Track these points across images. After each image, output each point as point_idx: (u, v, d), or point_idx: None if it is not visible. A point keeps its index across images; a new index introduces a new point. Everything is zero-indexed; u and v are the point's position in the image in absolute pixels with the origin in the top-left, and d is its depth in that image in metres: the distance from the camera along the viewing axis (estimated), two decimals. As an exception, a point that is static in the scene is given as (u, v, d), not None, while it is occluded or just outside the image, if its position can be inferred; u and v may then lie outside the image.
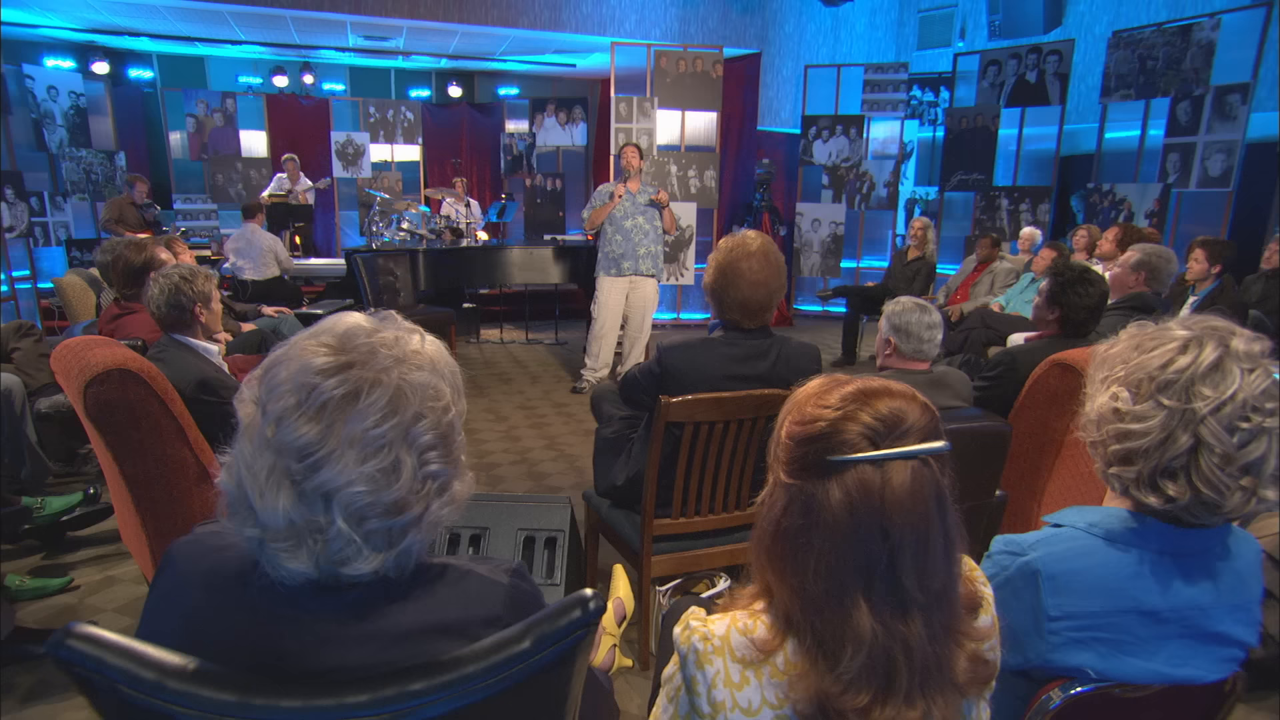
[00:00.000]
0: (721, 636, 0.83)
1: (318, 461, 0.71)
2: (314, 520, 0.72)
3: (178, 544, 0.86)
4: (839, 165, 8.68)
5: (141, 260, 2.79)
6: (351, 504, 0.72)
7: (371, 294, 5.13)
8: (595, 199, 5.04)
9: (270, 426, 0.72)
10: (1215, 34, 6.37)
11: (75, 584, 2.63)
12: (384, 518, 0.74)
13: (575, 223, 10.66)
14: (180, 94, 8.93)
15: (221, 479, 0.78)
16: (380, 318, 0.81)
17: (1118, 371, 1.01)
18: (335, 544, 0.73)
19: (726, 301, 2.02)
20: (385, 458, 0.73)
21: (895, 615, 0.78)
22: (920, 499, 0.77)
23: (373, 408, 0.73)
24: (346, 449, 0.71)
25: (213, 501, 2.51)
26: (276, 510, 0.71)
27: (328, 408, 0.72)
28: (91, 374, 1.98)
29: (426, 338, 0.82)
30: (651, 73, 7.71)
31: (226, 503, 0.77)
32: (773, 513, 0.84)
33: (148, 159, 9.15)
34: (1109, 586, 0.99)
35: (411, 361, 0.77)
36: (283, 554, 0.74)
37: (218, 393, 2.25)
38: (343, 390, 0.72)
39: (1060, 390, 2.41)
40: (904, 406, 0.80)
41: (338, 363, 0.74)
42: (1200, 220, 6.66)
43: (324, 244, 9.56)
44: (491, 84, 10.86)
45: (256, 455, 0.73)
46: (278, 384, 0.74)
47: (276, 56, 9.51)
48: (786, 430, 0.85)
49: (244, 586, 0.77)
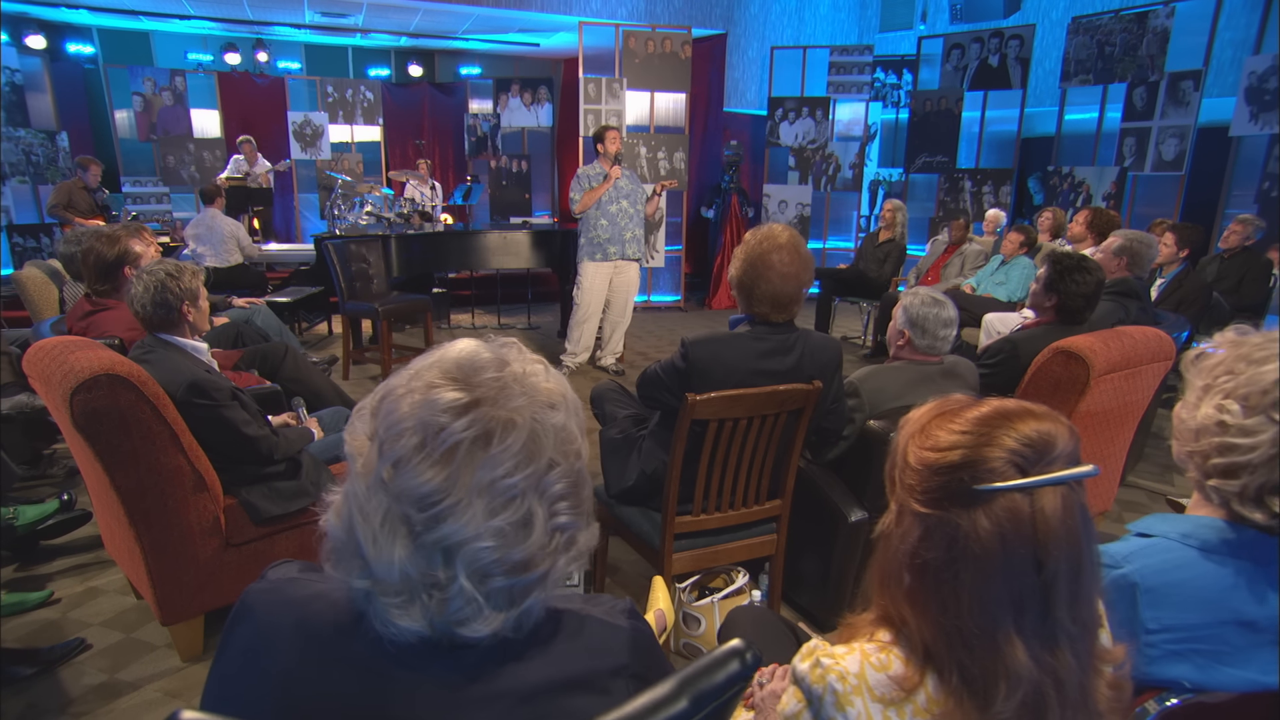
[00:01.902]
0: (857, 674, 0.79)
1: (441, 513, 0.64)
2: (432, 575, 0.65)
3: (254, 593, 0.78)
4: (805, 147, 8.71)
5: (115, 253, 2.63)
6: (476, 561, 0.65)
7: (344, 282, 4.97)
8: (583, 182, 4.91)
9: (388, 469, 0.65)
10: (1170, 21, 6.54)
11: (55, 597, 2.51)
12: (509, 576, 0.67)
13: (542, 205, 10.52)
14: (125, 71, 8.48)
15: (328, 521, 0.71)
16: (500, 345, 0.73)
17: (1223, 382, 0.98)
18: (455, 602, 0.66)
19: (756, 295, 1.99)
20: (517, 510, 0.66)
21: (1045, 648, 0.75)
22: (1072, 526, 0.75)
23: (506, 453, 0.65)
24: (474, 499, 0.64)
25: (210, 510, 2.37)
26: (391, 562, 0.65)
27: (456, 452, 0.64)
28: (77, 380, 1.88)
29: (550, 370, 0.75)
30: (620, 53, 7.59)
31: (331, 548, 0.71)
32: (905, 545, 0.80)
33: (92, 139, 8.69)
34: (1208, 599, 0.98)
35: (543, 399, 0.70)
36: (394, 609, 0.67)
37: (210, 395, 2.15)
38: (473, 433, 0.65)
39: (1064, 377, 2.46)
40: (1052, 429, 0.77)
41: (466, 400, 0.66)
42: (1154, 203, 6.88)
43: (283, 228, 9.24)
44: (453, 63, 10.57)
45: (370, 498, 0.66)
46: (397, 420, 0.66)
47: (228, 33, 9.09)
48: (917, 457, 0.81)
49: (344, 642, 0.71)
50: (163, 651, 2.25)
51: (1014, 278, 5.31)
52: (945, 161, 8.20)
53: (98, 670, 2.16)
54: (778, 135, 8.79)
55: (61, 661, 2.17)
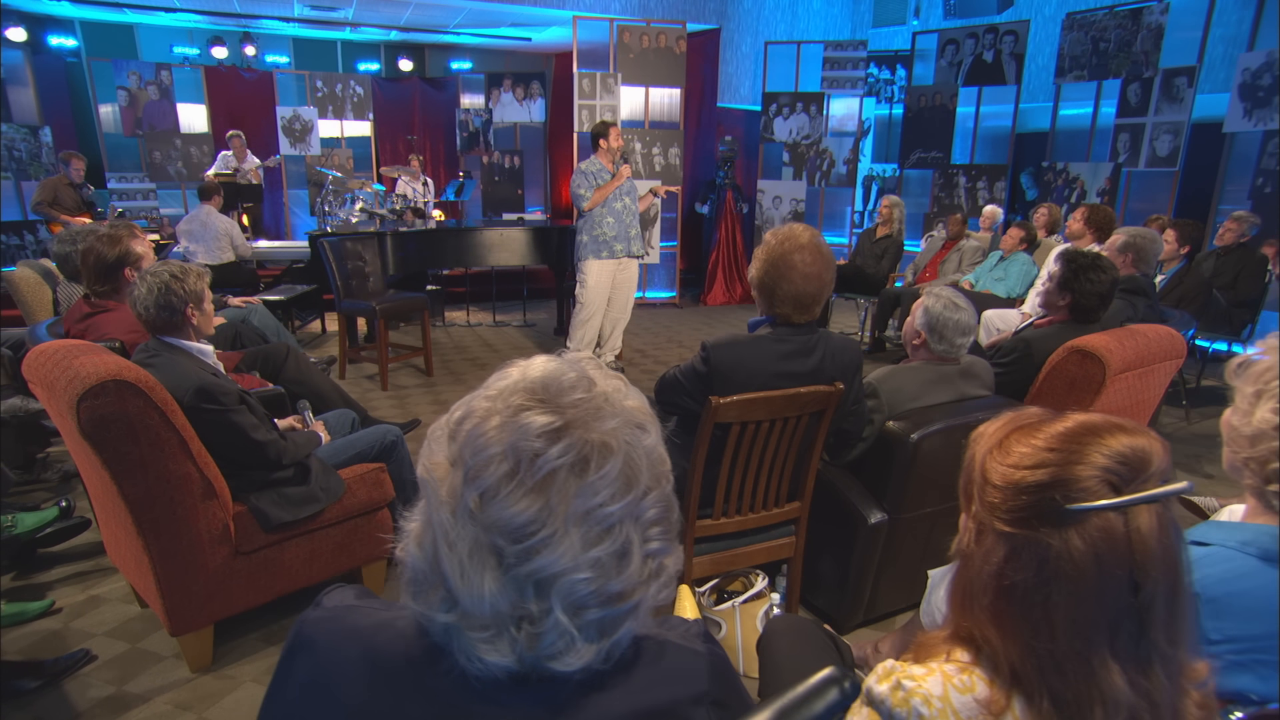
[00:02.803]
0: (941, 697, 0.77)
1: (536, 545, 0.60)
2: (523, 608, 0.62)
3: (311, 622, 0.74)
4: (799, 142, 8.69)
5: (116, 254, 2.56)
6: (572, 593, 0.62)
7: (340, 280, 4.90)
8: (588, 179, 4.83)
9: (475, 498, 0.61)
10: (1164, 18, 6.56)
11: (56, 607, 2.45)
12: (604, 607, 0.63)
13: (535, 200, 10.44)
14: (109, 65, 8.32)
15: (408, 551, 0.67)
16: (580, 362, 0.69)
17: (1277, 386, 0.98)
18: (548, 636, 0.62)
19: (779, 295, 1.97)
20: (615, 540, 0.62)
21: (1139, 670, 0.73)
22: (1168, 545, 0.72)
23: (603, 480, 0.62)
24: (571, 529, 0.61)
25: (219, 518, 2.31)
26: (481, 595, 0.61)
27: (552, 481, 0.61)
28: (84, 386, 1.82)
29: (630, 386, 0.71)
30: (615, 48, 7.54)
31: (411, 579, 0.67)
32: (989, 565, 0.77)
33: (75, 134, 8.53)
34: (1270, 608, 0.97)
35: (634, 419, 0.66)
36: (481, 643, 0.63)
37: (218, 400, 2.10)
38: (569, 459, 0.61)
39: (1079, 376, 2.45)
40: (1146, 445, 0.74)
41: (559, 424, 0.62)
42: (1148, 199, 6.92)
43: (272, 225, 9.12)
44: (443, 58, 10.47)
45: (457, 528, 0.62)
46: (484, 446, 0.62)
47: (214, 26, 8.95)
48: (1000, 475, 0.78)
49: (418, 675, 0.67)
50: (170, 662, 2.20)
51: (1013, 274, 5.32)
52: (940, 157, 8.21)
53: (104, 682, 2.11)
54: (772, 130, 8.77)
55: (67, 674, 2.12)
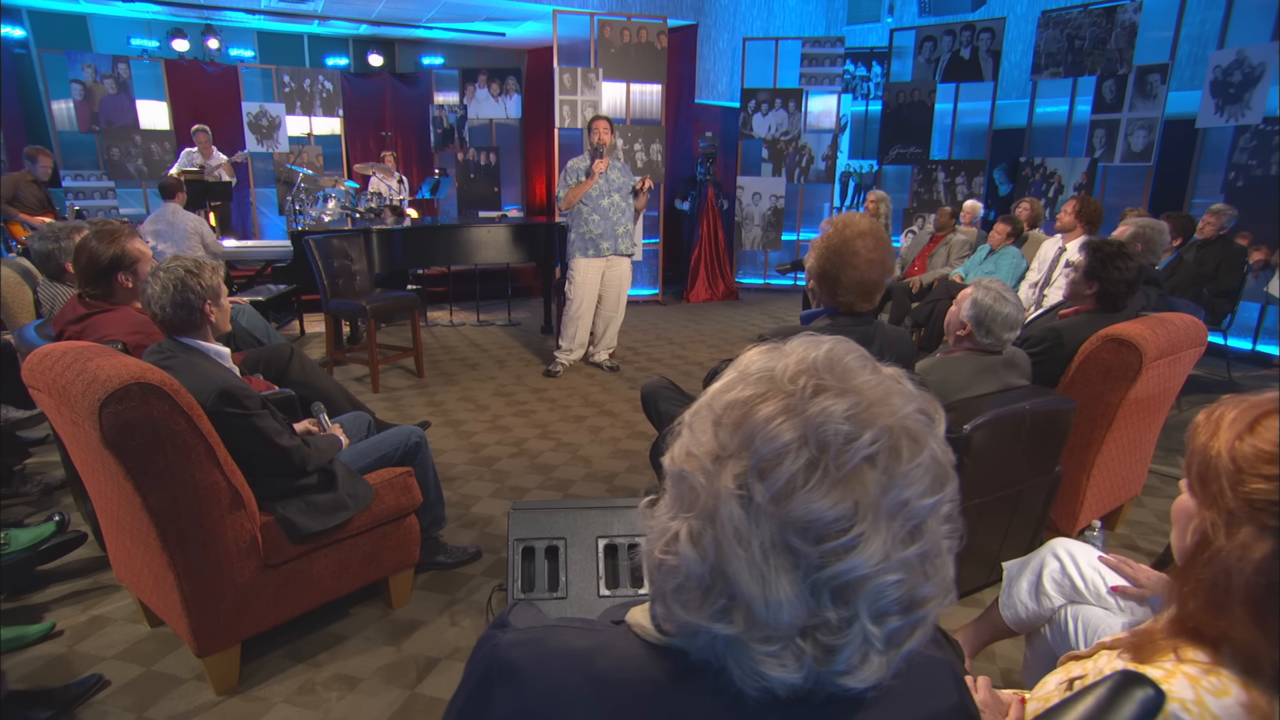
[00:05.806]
0: (1196, 701, 0.72)
1: (845, 544, 0.53)
2: (820, 616, 0.54)
3: (510, 648, 0.65)
4: (778, 139, 8.70)
5: (112, 254, 2.39)
6: (880, 599, 0.54)
7: (326, 279, 4.72)
8: (569, 176, 4.78)
9: (766, 493, 0.54)
10: (1137, 16, 6.71)
11: (57, 629, 2.28)
12: (904, 615, 0.56)
13: (511, 198, 10.27)
14: (62, 57, 7.93)
15: (680, 554, 0.57)
16: (841, 339, 0.61)
17: None
18: (848, 649, 0.55)
19: (843, 283, 1.91)
20: (927, 539, 0.55)
21: None
22: None
23: (917, 470, 0.54)
24: (883, 525, 0.53)
25: (247, 529, 2.17)
26: (780, 602, 0.53)
27: (868, 471, 0.53)
28: (106, 390, 1.68)
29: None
30: (595, 43, 7.44)
31: (680, 585, 0.58)
32: (1246, 564, 0.73)
33: (25, 129, 8.11)
34: None
35: (923, 406, 0.58)
36: (768, 658, 0.55)
37: (243, 404, 1.97)
38: (881, 446, 0.54)
39: (1115, 364, 2.45)
40: None
41: (860, 405, 0.54)
42: (1123, 193, 7.08)
43: (239, 224, 8.80)
44: (414, 53, 10.23)
45: (749, 526, 0.54)
46: (775, 434, 0.54)
47: (173, 18, 8.59)
48: (1256, 469, 0.73)
49: (665, 700, 0.59)
50: (192, 685, 2.05)
51: (1003, 267, 5.38)
52: (919, 153, 8.29)
53: (123, 710, 1.96)
54: (750, 127, 8.76)
55: (79, 701, 1.96)
